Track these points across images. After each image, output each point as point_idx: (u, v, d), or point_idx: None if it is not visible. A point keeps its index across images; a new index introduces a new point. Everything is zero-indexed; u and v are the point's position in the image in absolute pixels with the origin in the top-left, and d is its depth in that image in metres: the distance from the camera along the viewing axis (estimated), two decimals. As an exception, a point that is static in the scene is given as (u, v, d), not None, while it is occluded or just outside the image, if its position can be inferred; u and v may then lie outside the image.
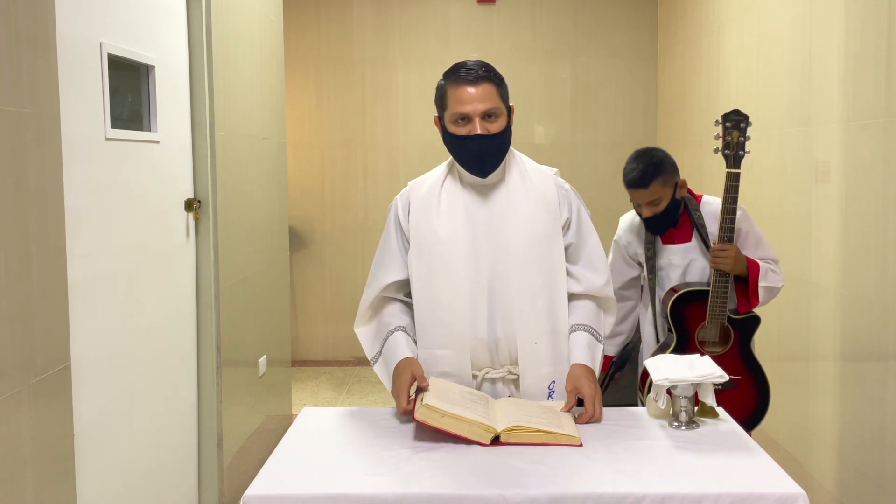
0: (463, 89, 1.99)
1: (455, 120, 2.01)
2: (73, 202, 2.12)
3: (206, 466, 3.09)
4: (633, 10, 5.73)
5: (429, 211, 2.10)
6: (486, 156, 2.04)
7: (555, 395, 2.09)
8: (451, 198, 2.10)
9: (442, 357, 2.08)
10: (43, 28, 1.88)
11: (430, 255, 2.07)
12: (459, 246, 2.06)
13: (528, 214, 2.07)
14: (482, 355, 2.08)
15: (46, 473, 1.87)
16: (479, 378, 2.09)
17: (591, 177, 5.73)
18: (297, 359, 5.80)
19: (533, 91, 5.76)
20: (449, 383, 2.04)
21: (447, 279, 2.06)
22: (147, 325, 2.64)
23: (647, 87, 5.75)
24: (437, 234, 2.07)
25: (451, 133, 2.03)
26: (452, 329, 2.06)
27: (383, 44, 5.76)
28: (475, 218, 2.08)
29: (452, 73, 2.03)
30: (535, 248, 2.06)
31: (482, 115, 2.00)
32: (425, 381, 1.96)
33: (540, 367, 2.06)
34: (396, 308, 2.16)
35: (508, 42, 5.75)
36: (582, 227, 2.15)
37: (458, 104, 1.99)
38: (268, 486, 1.65)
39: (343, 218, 5.89)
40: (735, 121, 2.35)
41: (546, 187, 2.11)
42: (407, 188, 2.18)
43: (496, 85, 2.02)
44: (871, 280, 2.71)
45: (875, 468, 2.70)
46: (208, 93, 3.02)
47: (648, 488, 1.59)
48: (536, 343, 2.05)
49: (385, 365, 2.10)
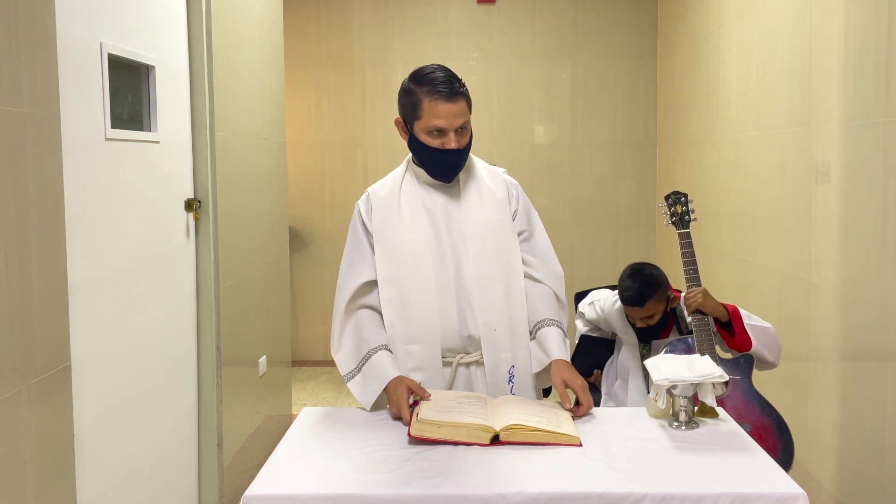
0: (442, 105, 2.07)
1: (430, 131, 2.10)
2: (73, 202, 2.12)
3: (206, 466, 3.09)
4: (633, 10, 5.73)
5: (391, 212, 2.20)
6: (456, 167, 2.16)
7: (515, 381, 2.15)
8: (411, 197, 2.21)
9: (412, 352, 2.15)
10: (43, 28, 1.88)
11: (395, 254, 2.16)
12: (423, 242, 2.15)
13: (482, 207, 2.19)
14: (455, 344, 2.16)
15: (46, 473, 1.87)
16: (453, 364, 2.16)
17: (591, 177, 5.74)
18: (297, 359, 5.80)
19: (533, 91, 5.76)
20: (444, 391, 2.07)
21: (414, 276, 2.14)
22: (147, 326, 2.64)
23: (647, 87, 5.75)
24: (400, 234, 2.17)
25: (421, 142, 2.13)
26: (422, 324, 2.13)
27: (383, 44, 5.76)
28: (434, 215, 2.18)
29: (427, 84, 2.09)
30: (489, 237, 2.17)
31: (457, 129, 2.09)
32: (427, 392, 2.02)
33: (500, 353, 2.15)
34: (372, 322, 2.19)
35: (508, 42, 5.75)
36: (531, 217, 2.27)
37: (436, 118, 2.08)
38: (268, 486, 1.65)
39: (343, 218, 5.89)
40: (675, 199, 2.70)
41: (495, 182, 2.23)
42: (367, 193, 2.29)
43: (467, 99, 2.13)
44: (871, 280, 2.71)
45: (875, 468, 2.70)
46: (208, 93, 3.02)
47: (648, 488, 1.59)
48: (496, 330, 2.14)
49: (363, 383, 2.12)
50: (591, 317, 2.97)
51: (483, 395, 2.05)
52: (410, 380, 2.07)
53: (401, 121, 2.19)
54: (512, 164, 5.47)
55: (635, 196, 5.78)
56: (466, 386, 2.17)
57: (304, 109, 5.81)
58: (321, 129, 5.84)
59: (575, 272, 5.74)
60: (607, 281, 4.65)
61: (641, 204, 5.76)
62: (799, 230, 3.29)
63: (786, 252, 3.43)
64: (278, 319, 4.05)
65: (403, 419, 1.97)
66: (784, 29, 3.46)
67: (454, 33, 5.76)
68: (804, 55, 3.25)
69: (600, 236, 5.75)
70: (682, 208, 2.68)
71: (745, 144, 3.94)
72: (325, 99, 5.82)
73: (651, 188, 5.78)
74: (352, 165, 5.85)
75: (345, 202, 5.88)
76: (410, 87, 2.12)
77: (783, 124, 3.47)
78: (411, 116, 2.14)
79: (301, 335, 5.93)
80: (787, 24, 3.42)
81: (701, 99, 4.70)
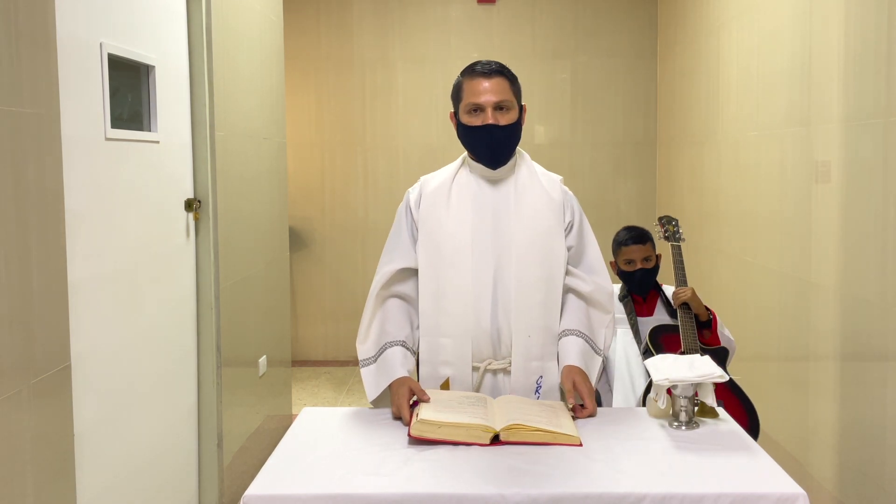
0: (478, 81, 2.09)
1: (469, 111, 2.10)
2: (73, 202, 2.12)
3: (206, 466, 3.09)
4: (633, 10, 5.73)
5: (438, 203, 2.16)
6: (496, 145, 2.11)
7: (541, 392, 2.12)
8: (461, 191, 2.17)
9: (444, 346, 2.12)
10: (43, 28, 1.88)
11: (437, 245, 2.13)
12: (466, 237, 2.11)
13: (534, 210, 2.14)
14: (485, 346, 2.12)
15: (46, 473, 1.87)
16: (480, 369, 2.12)
17: (591, 177, 5.74)
18: (297, 359, 5.81)
19: (533, 91, 5.75)
20: (444, 392, 2.06)
21: (453, 269, 2.11)
22: (147, 325, 2.64)
23: (647, 87, 5.75)
24: (444, 226, 2.13)
25: (464, 124, 2.11)
26: (455, 319, 2.10)
27: (383, 44, 5.76)
28: (483, 211, 2.14)
29: (469, 68, 2.13)
30: (537, 243, 2.12)
31: (494, 105, 2.07)
32: (425, 395, 1.99)
33: (530, 361, 2.11)
34: (400, 315, 2.18)
35: (508, 42, 5.75)
36: (584, 233, 2.24)
37: (472, 95, 2.08)
38: (268, 486, 1.65)
39: (343, 218, 5.89)
40: (667, 220, 3.04)
41: (552, 189, 2.19)
42: (419, 181, 2.24)
43: (509, 81, 2.12)
44: (871, 280, 2.71)
45: (875, 468, 2.70)
46: (208, 93, 3.02)
47: (648, 488, 1.59)
48: (530, 336, 2.10)
49: (376, 374, 2.12)
50: None
51: (483, 396, 2.05)
52: (413, 381, 2.05)
53: (452, 114, 2.20)
54: (512, 164, 5.46)
55: (635, 196, 5.78)
56: (492, 394, 2.14)
57: (304, 109, 5.81)
58: (321, 129, 5.84)
59: (575, 272, 5.73)
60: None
61: (641, 204, 5.76)
62: (799, 230, 3.29)
63: (786, 252, 3.43)
64: (278, 319, 4.05)
65: (403, 419, 1.96)
66: (784, 29, 3.46)
67: (454, 33, 5.76)
68: (804, 55, 3.25)
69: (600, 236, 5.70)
70: (674, 228, 2.99)
71: (745, 144, 3.94)
72: (325, 99, 5.82)
73: (651, 188, 5.78)
74: (352, 165, 5.85)
75: (345, 202, 5.88)
76: (457, 78, 2.16)
77: (783, 124, 3.47)
78: (456, 102, 2.15)
79: (301, 335, 5.93)
80: (787, 24, 3.42)
81: (701, 99, 4.70)
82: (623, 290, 3.05)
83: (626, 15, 5.73)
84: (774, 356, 3.55)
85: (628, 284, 2.98)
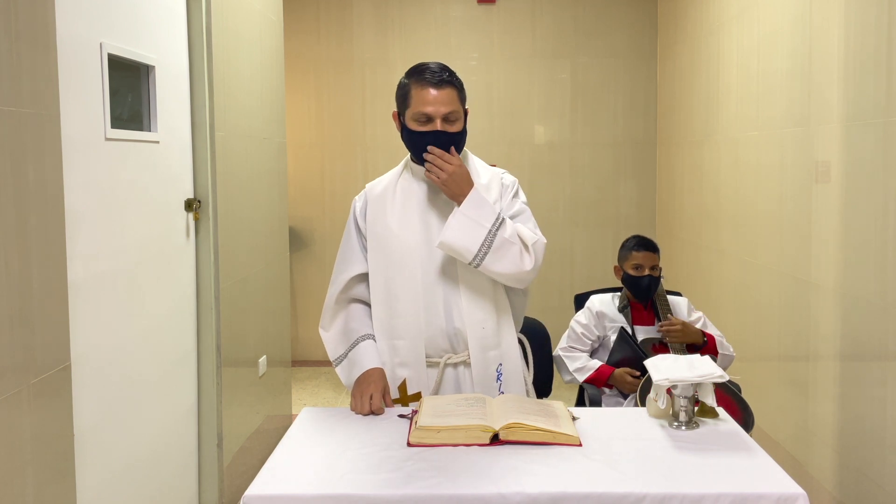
0: (427, 91, 2.11)
1: (417, 119, 2.13)
2: (73, 202, 2.12)
3: (206, 466, 3.09)
4: (633, 10, 5.73)
5: (384, 207, 2.23)
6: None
7: (503, 380, 2.18)
8: (405, 194, 2.24)
9: (398, 348, 2.18)
10: (43, 28, 1.88)
11: (385, 250, 2.20)
12: (412, 238, 2.18)
13: None
14: (442, 342, 2.18)
15: (46, 473, 1.87)
16: (440, 364, 2.18)
17: (591, 177, 5.74)
18: (297, 359, 5.80)
19: (533, 91, 5.76)
20: (442, 396, 2.09)
21: (402, 273, 2.17)
22: (147, 325, 2.64)
23: (647, 87, 5.75)
24: (391, 228, 2.20)
25: (411, 130, 2.15)
26: (408, 320, 2.17)
27: (383, 44, 5.76)
28: (428, 211, 2.21)
29: (417, 74, 2.15)
30: None
31: (443, 116, 2.11)
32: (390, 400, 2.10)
33: (487, 351, 2.18)
34: (362, 313, 2.27)
35: (508, 42, 5.75)
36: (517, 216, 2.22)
37: (422, 104, 2.11)
38: (268, 486, 1.65)
39: (343, 218, 5.87)
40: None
41: (491, 182, 2.22)
42: (364, 189, 2.32)
43: (457, 89, 2.15)
44: (871, 280, 2.71)
45: (875, 468, 2.70)
46: (208, 93, 3.02)
47: (648, 488, 1.59)
48: (484, 328, 2.16)
49: (349, 368, 2.21)
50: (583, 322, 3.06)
51: (482, 396, 2.05)
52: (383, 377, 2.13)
53: (395, 114, 2.23)
54: (512, 164, 5.47)
55: (635, 196, 5.77)
56: (454, 387, 2.20)
57: (304, 109, 5.81)
58: (321, 129, 5.84)
59: (575, 272, 5.74)
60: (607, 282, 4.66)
61: (641, 204, 5.76)
62: (799, 230, 3.29)
63: (786, 252, 3.43)
64: (278, 319, 4.05)
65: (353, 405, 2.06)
66: (784, 29, 3.46)
67: (454, 33, 5.76)
68: (804, 55, 3.25)
69: (600, 236, 5.75)
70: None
71: (745, 144, 3.94)
72: (325, 99, 5.82)
73: (651, 188, 5.77)
74: (352, 165, 5.85)
75: (345, 202, 5.88)
76: (403, 80, 2.19)
77: (783, 124, 3.47)
78: (402, 107, 2.18)
79: (301, 335, 5.93)
80: (787, 24, 3.42)
81: (701, 99, 4.70)
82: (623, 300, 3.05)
83: (626, 15, 5.73)
84: (774, 356, 3.55)
85: (635, 289, 3.00)
